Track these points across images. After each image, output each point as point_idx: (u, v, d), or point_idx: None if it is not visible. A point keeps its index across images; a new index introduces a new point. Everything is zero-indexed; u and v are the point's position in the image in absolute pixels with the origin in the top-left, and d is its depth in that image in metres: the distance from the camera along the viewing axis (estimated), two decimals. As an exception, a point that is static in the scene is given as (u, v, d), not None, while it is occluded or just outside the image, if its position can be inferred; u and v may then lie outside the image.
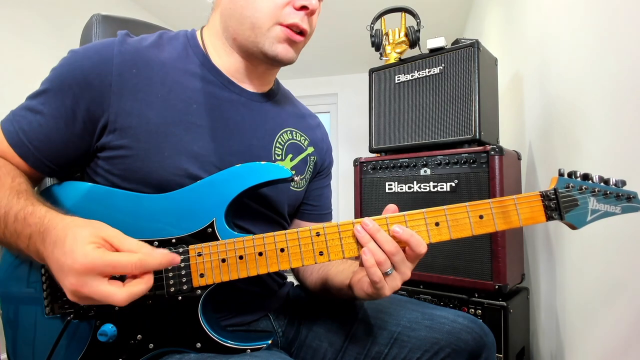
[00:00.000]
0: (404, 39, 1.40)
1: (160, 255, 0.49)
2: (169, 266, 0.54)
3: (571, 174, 0.58)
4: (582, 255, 0.97)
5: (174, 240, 0.57)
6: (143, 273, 0.48)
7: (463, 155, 1.19)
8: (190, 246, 0.57)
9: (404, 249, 0.56)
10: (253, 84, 0.73)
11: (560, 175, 0.59)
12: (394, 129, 1.40)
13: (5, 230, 0.52)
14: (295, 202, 0.78)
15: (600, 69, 0.87)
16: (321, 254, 0.57)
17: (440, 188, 1.23)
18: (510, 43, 1.73)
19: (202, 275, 0.57)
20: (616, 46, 0.80)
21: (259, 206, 0.69)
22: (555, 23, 1.16)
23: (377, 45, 1.44)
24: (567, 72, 1.07)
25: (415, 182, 1.29)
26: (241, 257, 0.57)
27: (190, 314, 0.57)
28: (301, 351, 0.74)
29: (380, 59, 1.46)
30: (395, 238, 0.55)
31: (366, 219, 0.56)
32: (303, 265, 0.58)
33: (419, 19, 1.39)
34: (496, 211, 0.57)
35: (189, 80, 0.65)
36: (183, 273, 0.57)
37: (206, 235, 0.58)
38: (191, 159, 0.62)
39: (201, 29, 0.73)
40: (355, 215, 1.40)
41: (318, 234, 0.57)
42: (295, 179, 0.75)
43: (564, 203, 0.57)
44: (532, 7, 1.40)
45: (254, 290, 0.71)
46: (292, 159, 0.76)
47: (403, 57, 1.41)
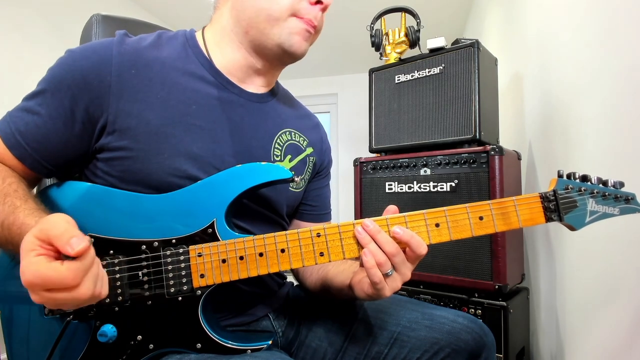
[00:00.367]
0: (404, 39, 1.40)
1: (81, 249, 0.41)
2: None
3: (570, 176, 0.59)
4: (582, 255, 0.97)
5: (174, 240, 0.57)
6: (84, 274, 0.42)
7: (463, 155, 1.19)
8: (191, 246, 0.57)
9: (404, 250, 0.56)
10: (254, 84, 0.73)
11: (560, 176, 0.59)
12: (394, 129, 1.40)
13: None
14: (294, 203, 0.78)
15: (600, 69, 0.87)
16: (322, 254, 0.57)
17: (440, 188, 1.23)
18: (510, 43, 1.73)
19: (203, 276, 0.57)
20: (616, 46, 0.81)
21: (258, 207, 0.69)
22: (555, 23, 1.16)
23: (377, 45, 1.44)
24: (567, 72, 1.07)
25: (415, 182, 1.29)
26: (241, 258, 0.57)
27: (190, 314, 0.57)
28: (301, 351, 0.74)
29: (380, 59, 1.46)
30: (395, 239, 0.55)
31: (367, 220, 0.56)
32: (303, 266, 0.58)
33: (419, 19, 1.39)
34: (496, 212, 0.57)
35: (188, 80, 0.65)
36: (183, 274, 0.57)
37: (206, 235, 0.58)
38: (190, 160, 0.62)
39: (202, 29, 0.73)
40: (355, 216, 1.40)
41: (319, 235, 0.57)
42: (295, 179, 0.75)
43: (563, 204, 0.57)
44: (532, 7, 1.40)
45: (254, 290, 0.71)
46: (291, 160, 0.76)
47: (403, 57, 1.41)
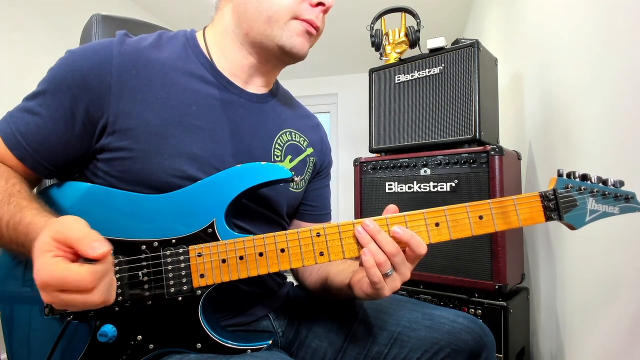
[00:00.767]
0: (404, 39, 1.40)
1: (102, 254, 0.43)
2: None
3: (570, 175, 0.59)
4: (582, 255, 0.97)
5: (173, 240, 0.57)
6: (100, 279, 0.44)
7: (463, 155, 1.19)
8: (191, 246, 0.57)
9: (404, 250, 0.56)
10: (255, 84, 0.73)
11: (559, 175, 0.59)
12: (394, 129, 1.40)
13: (2, 238, 0.53)
14: (294, 203, 0.78)
15: (600, 69, 0.87)
16: (321, 254, 0.57)
17: (440, 188, 1.23)
18: (510, 43, 1.73)
19: (203, 276, 0.57)
20: (616, 46, 0.81)
21: (258, 207, 0.69)
22: (555, 23, 1.16)
23: (377, 45, 1.44)
24: (567, 72, 1.07)
25: (415, 182, 1.29)
26: (241, 258, 0.57)
27: (190, 314, 0.57)
28: (301, 351, 0.74)
29: (380, 59, 1.46)
30: (395, 239, 0.55)
31: (367, 220, 0.56)
32: (303, 266, 0.58)
33: (419, 19, 1.39)
34: (496, 212, 0.57)
35: (188, 81, 0.65)
36: (183, 273, 0.57)
37: (206, 235, 0.58)
38: (190, 161, 0.62)
39: (203, 30, 0.73)
40: (355, 216, 1.40)
41: (318, 235, 0.57)
42: (295, 179, 0.75)
43: (563, 203, 0.57)
44: (532, 7, 1.40)
45: (254, 290, 0.71)
46: (292, 160, 0.75)
47: (403, 57, 1.41)
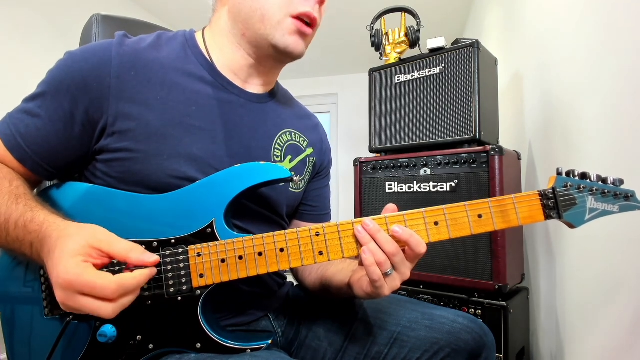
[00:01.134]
0: (404, 39, 1.40)
1: (139, 275, 0.48)
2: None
3: (569, 173, 0.58)
4: (582, 255, 0.97)
5: (173, 240, 0.57)
6: (122, 295, 0.46)
7: (463, 155, 1.19)
8: (190, 246, 0.57)
9: (403, 249, 0.56)
10: (255, 84, 0.73)
11: (559, 174, 0.59)
12: (394, 129, 1.40)
13: (7, 237, 0.53)
14: (294, 203, 0.78)
15: (600, 69, 0.87)
16: (321, 253, 0.57)
17: (440, 188, 1.23)
18: (510, 43, 1.73)
19: (202, 276, 0.57)
20: (616, 46, 0.80)
21: (257, 207, 0.69)
22: (555, 23, 1.16)
23: (377, 45, 1.44)
24: (567, 72, 1.07)
25: (415, 182, 1.29)
26: (241, 258, 0.57)
27: (190, 314, 0.57)
28: (301, 351, 0.74)
29: (380, 59, 1.46)
30: (394, 238, 0.55)
31: (366, 219, 0.56)
32: (302, 265, 0.58)
33: (419, 19, 1.39)
34: (495, 210, 0.57)
35: (188, 81, 0.65)
36: (183, 273, 0.57)
37: (206, 235, 0.58)
38: (190, 162, 0.62)
39: (202, 30, 0.73)
40: (355, 216, 1.40)
41: (317, 234, 0.57)
42: (295, 179, 0.75)
43: (562, 202, 0.57)
44: (532, 7, 1.40)
45: (253, 290, 0.71)
46: (291, 160, 0.76)
47: (403, 57, 1.41)
